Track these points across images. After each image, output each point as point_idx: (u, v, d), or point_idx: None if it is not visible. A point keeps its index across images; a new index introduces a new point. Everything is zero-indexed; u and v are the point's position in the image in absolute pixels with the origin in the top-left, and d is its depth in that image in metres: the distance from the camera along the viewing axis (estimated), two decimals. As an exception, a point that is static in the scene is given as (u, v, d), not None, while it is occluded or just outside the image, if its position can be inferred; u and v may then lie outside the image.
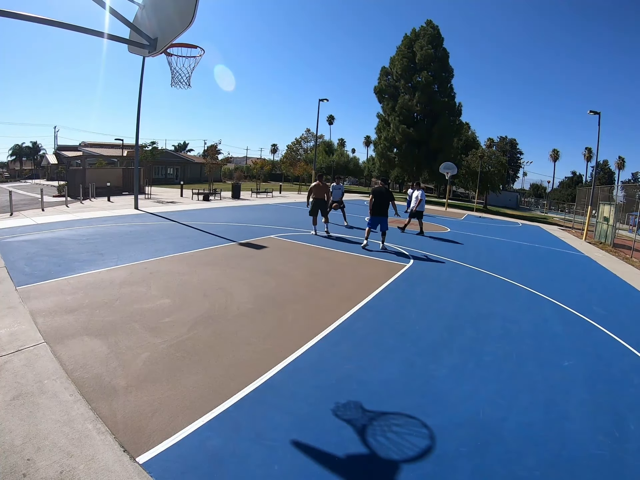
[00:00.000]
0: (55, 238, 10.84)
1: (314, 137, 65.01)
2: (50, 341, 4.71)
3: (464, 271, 10.14)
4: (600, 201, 24.32)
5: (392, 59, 51.81)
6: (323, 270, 8.87)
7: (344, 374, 4.44)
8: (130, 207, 19.44)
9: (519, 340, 5.96)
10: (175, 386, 3.88)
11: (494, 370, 4.90)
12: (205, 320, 5.52)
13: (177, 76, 7.84)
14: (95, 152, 55.82)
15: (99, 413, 3.41)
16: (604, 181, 71.87)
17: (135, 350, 4.55)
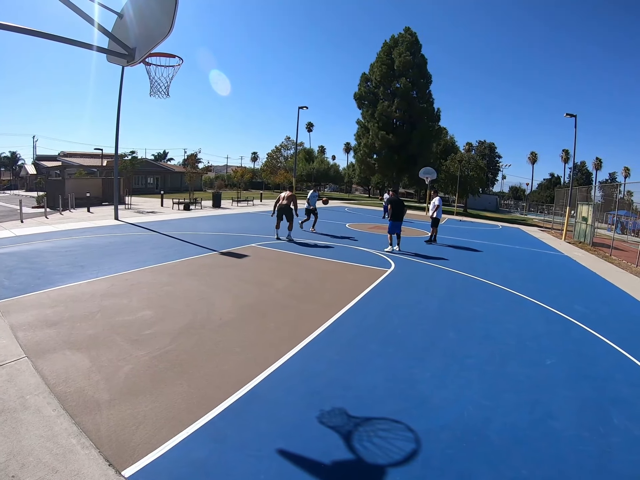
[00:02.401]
0: (34, 250, 10.69)
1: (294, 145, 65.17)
2: (31, 356, 4.65)
3: (446, 274, 10.26)
4: (578, 201, 24.82)
5: (372, 65, 52.37)
6: (305, 277, 8.88)
7: (329, 381, 4.46)
8: (110, 218, 19.23)
9: (502, 341, 6.05)
10: (159, 398, 3.85)
11: (478, 372, 4.96)
12: (188, 331, 5.49)
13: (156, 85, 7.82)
14: (74, 162, 55.06)
15: (83, 427, 3.38)
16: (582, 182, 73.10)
17: (118, 363, 4.50)
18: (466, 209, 52.46)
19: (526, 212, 69.01)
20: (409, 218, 28.54)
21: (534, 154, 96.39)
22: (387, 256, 11.82)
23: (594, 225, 21.51)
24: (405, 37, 50.45)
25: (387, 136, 47.84)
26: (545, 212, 49.16)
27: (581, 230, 22.73)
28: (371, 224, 22.52)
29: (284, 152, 68.31)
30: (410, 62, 48.47)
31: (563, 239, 23.22)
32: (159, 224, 17.58)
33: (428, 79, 50.51)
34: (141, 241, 12.72)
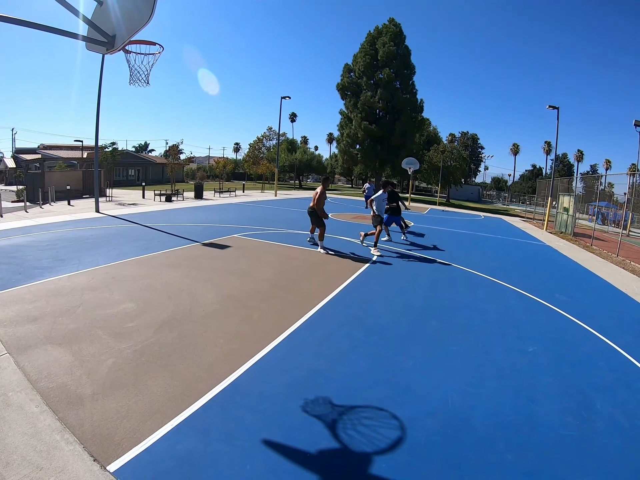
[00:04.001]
0: (14, 245, 10.49)
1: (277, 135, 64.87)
2: (12, 352, 4.56)
3: (428, 264, 10.34)
4: (560, 192, 25.20)
5: (355, 56, 51.93)
6: (288, 268, 8.86)
7: (312, 370, 4.46)
8: (91, 211, 18.95)
9: (485, 329, 6.13)
10: (142, 391, 3.81)
11: (461, 360, 5.01)
12: (170, 323, 5.44)
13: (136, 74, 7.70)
14: (54, 154, 54.07)
15: (67, 423, 3.33)
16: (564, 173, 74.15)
17: (100, 357, 4.44)
18: (449, 199, 53.02)
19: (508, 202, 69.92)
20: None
21: (516, 145, 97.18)
22: (369, 246, 11.81)
23: (575, 216, 21.89)
24: (390, 27, 50.21)
25: (370, 127, 47.68)
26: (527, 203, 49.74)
27: (562, 220, 23.10)
28: (354, 213, 22.65)
29: (266, 143, 68.01)
30: (394, 53, 48.28)
31: (545, 229, 23.59)
32: (140, 216, 17.37)
33: (412, 70, 50.32)
34: (122, 233, 12.56)
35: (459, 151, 49.06)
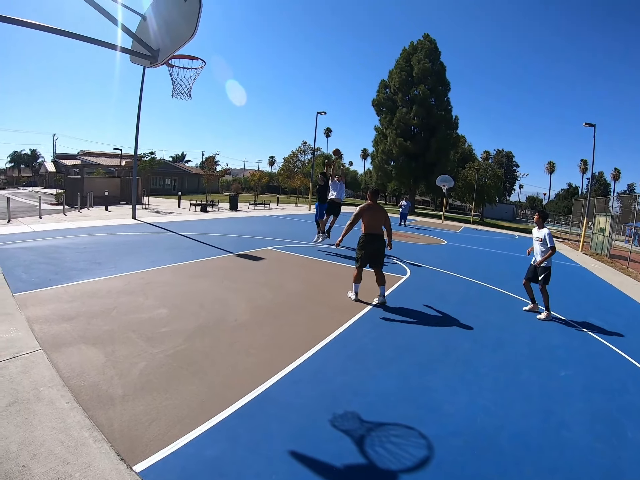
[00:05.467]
0: (52, 246, 10.84)
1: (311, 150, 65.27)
2: (46, 348, 4.71)
3: (461, 283, 10.21)
4: (596, 212, 24.64)
5: (391, 72, 52.68)
6: (320, 281, 8.89)
7: (341, 385, 4.45)
8: (128, 217, 19.43)
9: (516, 351, 6.00)
10: (173, 396, 3.88)
11: (490, 380, 4.93)
12: (202, 331, 5.53)
13: (178, 87, 7.90)
14: (93, 161, 55.94)
15: (96, 421, 3.41)
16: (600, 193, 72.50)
17: (132, 360, 4.55)
18: (482, 218, 52.35)
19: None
20: (425, 226, 28.61)
21: (551, 163, 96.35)
22: (402, 263, 11.76)
23: (612, 237, 21.34)
24: (425, 44, 50.79)
25: (405, 143, 47.98)
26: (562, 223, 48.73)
27: (598, 241, 22.58)
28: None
29: (300, 157, 68.53)
30: (429, 69, 48.72)
31: (580, 250, 23.06)
32: (175, 224, 17.73)
33: (447, 87, 50.72)
34: (158, 241, 12.85)
35: (493, 169, 48.53)
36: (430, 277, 10.51)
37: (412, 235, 21.00)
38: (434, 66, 49.26)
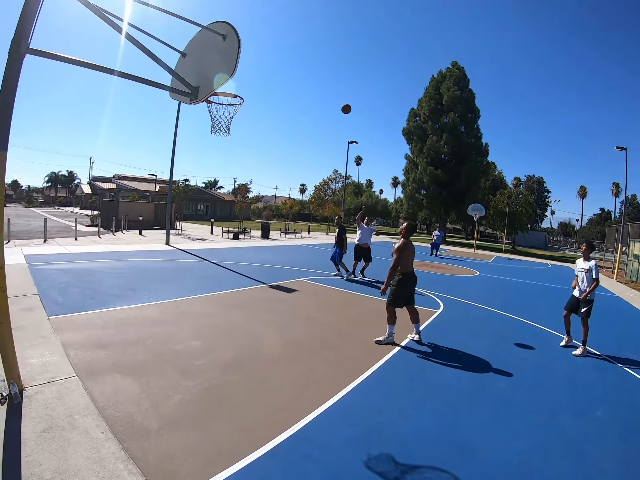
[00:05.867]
0: (87, 269, 11.10)
1: (342, 178, 65.77)
2: (81, 375, 4.81)
3: (495, 317, 10.02)
4: (630, 238, 23.98)
5: (420, 100, 53.32)
6: (353, 316, 8.83)
7: (376, 425, 4.38)
8: (162, 243, 19.81)
9: (551, 389, 5.83)
10: (208, 432, 3.88)
11: (526, 421, 4.79)
12: (236, 365, 5.54)
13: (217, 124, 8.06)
14: (128, 185, 57.34)
15: (131, 453, 3.43)
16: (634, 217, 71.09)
17: (167, 392, 4.59)
18: (514, 246, 51.70)
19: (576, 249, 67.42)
20: (457, 255, 28.38)
21: (583, 188, 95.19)
22: (435, 296, 11.64)
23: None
24: (453, 71, 51.39)
25: (436, 171, 48.19)
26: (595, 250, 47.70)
27: (633, 269, 21.96)
28: (419, 261, 22.07)
29: (332, 185, 69.06)
30: (458, 97, 49.17)
31: (615, 278, 22.46)
32: (208, 252, 17.98)
33: (476, 114, 51.00)
34: (191, 268, 13.05)
35: (524, 196, 47.90)
36: (463, 311, 10.34)
37: (444, 266, 20.88)
38: (463, 93, 49.76)
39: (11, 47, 4.20)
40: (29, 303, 7.59)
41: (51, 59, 4.62)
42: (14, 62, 4.23)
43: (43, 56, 4.51)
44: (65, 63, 4.73)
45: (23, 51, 4.24)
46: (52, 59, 4.62)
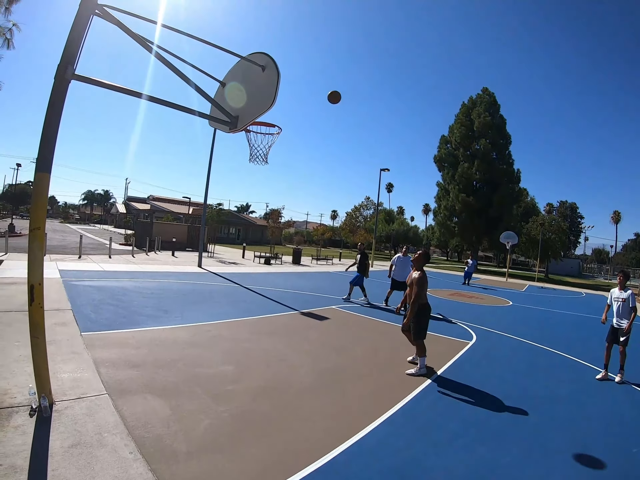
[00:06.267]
0: (120, 288, 11.29)
1: (374, 205, 65.86)
2: (112, 393, 4.86)
3: (527, 349, 9.77)
4: None
5: (451, 127, 53.41)
6: (386, 346, 8.71)
7: (408, 459, 4.27)
8: (194, 265, 20.06)
9: (586, 425, 5.63)
10: (237, 458, 3.85)
11: (560, 458, 4.61)
12: (268, 392, 5.52)
13: (255, 152, 8.18)
14: (163, 206, 58.58)
15: (159, 476, 3.42)
16: None
17: (198, 416, 4.58)
18: (547, 274, 50.57)
19: (611, 276, 65.55)
20: (489, 284, 27.95)
21: (617, 213, 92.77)
22: (468, 327, 11.42)
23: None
24: (484, 97, 51.44)
25: (468, 199, 47.92)
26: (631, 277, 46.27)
27: None
28: (451, 290, 22.18)
29: (363, 212, 69.24)
30: (489, 123, 48.99)
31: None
32: (240, 276, 18.12)
33: (507, 140, 50.76)
34: (223, 292, 13.15)
35: (557, 222, 46.94)
36: (496, 343, 10.09)
37: (476, 295, 20.61)
38: (494, 119, 49.58)
39: (57, 73, 4.37)
40: (63, 318, 7.76)
41: (96, 86, 4.78)
42: (59, 87, 4.41)
43: (88, 82, 4.68)
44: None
45: (69, 77, 4.41)
46: (96, 86, 4.78)
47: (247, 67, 6.19)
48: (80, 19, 4.42)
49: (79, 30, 4.43)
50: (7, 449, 3.49)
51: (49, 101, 4.39)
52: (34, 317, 4.32)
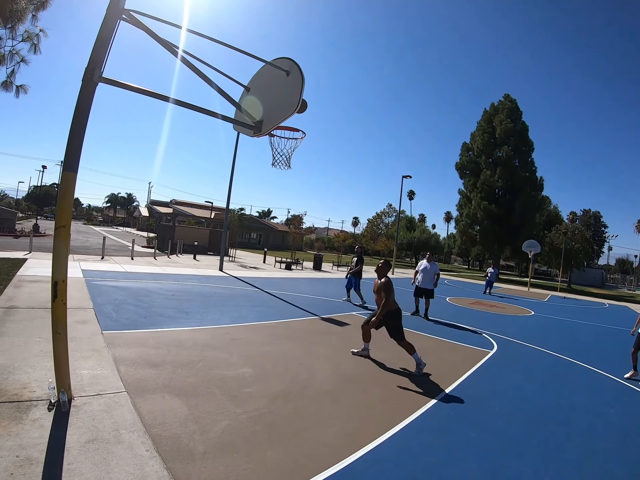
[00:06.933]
0: (142, 289, 11.39)
1: (395, 212, 65.64)
2: (131, 392, 4.89)
3: (548, 359, 9.60)
4: None
5: (473, 134, 52.94)
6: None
7: (426, 467, 4.19)
8: (215, 268, 20.18)
9: (605, 436, 5.50)
10: (253, 460, 3.82)
11: (577, 469, 4.50)
12: (286, 396, 5.49)
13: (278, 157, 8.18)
14: (185, 210, 59.13)
15: (174, 474, 3.41)
16: None
17: (215, 417, 4.58)
18: (570, 285, 49.76)
19: (635, 287, 64.22)
20: (511, 294, 27.67)
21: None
22: (489, 336, 11.28)
23: None
24: (506, 104, 50.80)
25: (489, 207, 47.30)
26: None
27: None
28: (472, 298, 21.95)
29: (384, 219, 69.05)
30: (511, 130, 48.36)
31: None
32: (261, 280, 18.18)
33: (530, 147, 49.99)
34: (244, 296, 13.19)
35: (581, 231, 46.16)
36: (517, 352, 9.94)
37: (498, 304, 20.37)
38: (516, 126, 48.88)
39: (85, 76, 4.43)
40: (84, 316, 7.85)
41: (122, 89, 4.83)
42: (87, 90, 4.47)
43: (115, 85, 4.73)
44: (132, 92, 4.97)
45: (96, 80, 4.47)
46: (123, 89, 4.84)
47: (272, 72, 6.21)
48: (107, 23, 4.49)
49: (106, 34, 4.49)
50: (24, 441, 3.53)
51: (77, 103, 4.46)
52: (56, 313, 4.38)
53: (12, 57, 18.79)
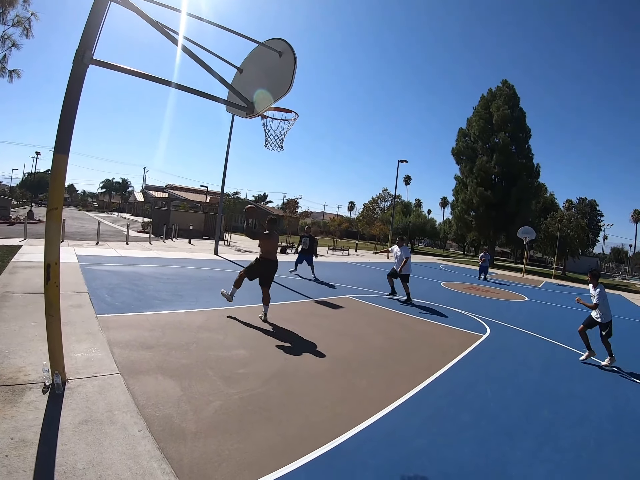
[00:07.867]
0: (136, 273, 11.40)
1: (391, 197, 65.57)
2: (124, 373, 4.93)
3: (543, 345, 9.68)
4: None
5: (470, 120, 52.75)
6: (399, 336, 8.68)
7: (416, 449, 4.25)
8: (210, 252, 20.21)
9: (599, 424, 5.55)
10: (245, 439, 3.88)
11: (570, 455, 4.56)
12: (279, 377, 5.54)
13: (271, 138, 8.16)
14: (180, 195, 58.92)
15: (166, 453, 3.47)
16: None
17: (208, 397, 4.62)
18: (565, 272, 50.01)
19: (629, 276, 64.61)
20: (505, 280, 27.79)
21: (637, 212, 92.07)
22: (482, 321, 11.37)
23: None
24: (503, 90, 50.59)
25: (485, 193, 47.32)
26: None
27: None
28: (466, 283, 22.13)
29: (380, 204, 69.01)
30: (508, 116, 48.23)
31: None
32: (255, 264, 18.11)
33: (527, 133, 50.00)
34: (238, 279, 13.17)
35: (576, 219, 46.30)
36: (510, 337, 10.01)
37: (492, 290, 20.51)
38: (513, 112, 48.74)
39: (75, 57, 4.39)
40: (79, 300, 7.87)
41: (112, 70, 4.80)
42: (77, 72, 4.43)
43: (106, 67, 4.69)
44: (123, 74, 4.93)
45: (87, 62, 4.43)
46: (113, 70, 4.80)
47: (265, 53, 6.17)
48: (98, 4, 4.44)
49: (97, 16, 4.44)
50: (18, 423, 3.57)
51: (67, 85, 4.42)
52: (49, 296, 4.39)
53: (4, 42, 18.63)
